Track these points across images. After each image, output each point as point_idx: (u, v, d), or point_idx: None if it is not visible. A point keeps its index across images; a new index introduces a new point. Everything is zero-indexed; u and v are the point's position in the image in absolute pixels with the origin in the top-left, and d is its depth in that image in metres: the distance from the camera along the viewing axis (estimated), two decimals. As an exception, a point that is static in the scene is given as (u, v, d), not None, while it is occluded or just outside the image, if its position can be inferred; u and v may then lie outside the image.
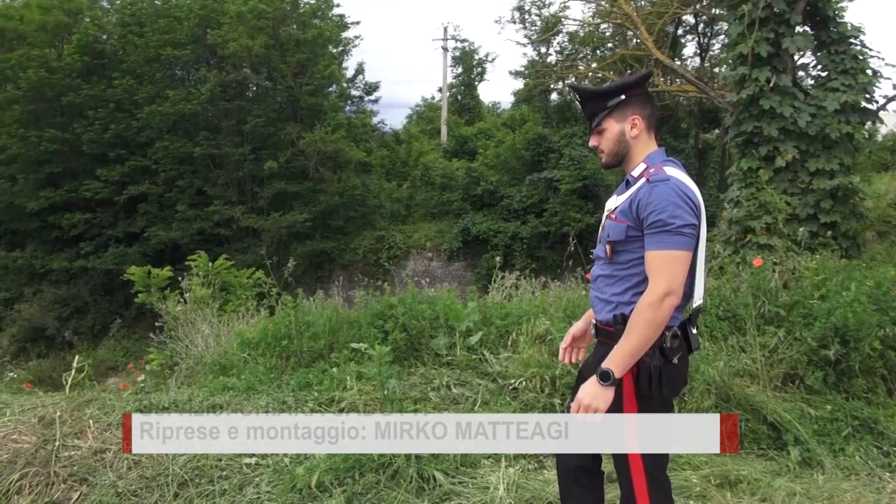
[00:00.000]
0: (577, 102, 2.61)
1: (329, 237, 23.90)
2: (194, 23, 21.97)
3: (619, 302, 2.28)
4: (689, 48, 25.23)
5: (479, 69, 41.29)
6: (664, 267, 2.13)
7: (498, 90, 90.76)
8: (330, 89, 25.61)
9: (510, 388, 3.85)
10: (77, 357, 4.73)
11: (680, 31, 24.13)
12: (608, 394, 2.15)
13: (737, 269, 5.30)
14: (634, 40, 25.04)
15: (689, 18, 23.88)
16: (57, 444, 3.31)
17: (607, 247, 2.33)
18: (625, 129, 2.32)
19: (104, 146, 23.32)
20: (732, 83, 8.00)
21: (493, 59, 46.52)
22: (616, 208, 2.33)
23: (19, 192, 23.53)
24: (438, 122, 37.03)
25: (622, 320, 2.23)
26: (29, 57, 22.32)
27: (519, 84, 36.61)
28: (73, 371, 4.42)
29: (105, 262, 23.46)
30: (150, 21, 23.04)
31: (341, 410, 3.73)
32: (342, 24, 25.28)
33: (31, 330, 24.29)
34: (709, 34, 24.12)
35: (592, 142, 2.42)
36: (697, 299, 2.29)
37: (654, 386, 2.17)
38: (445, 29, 36.55)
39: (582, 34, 23.03)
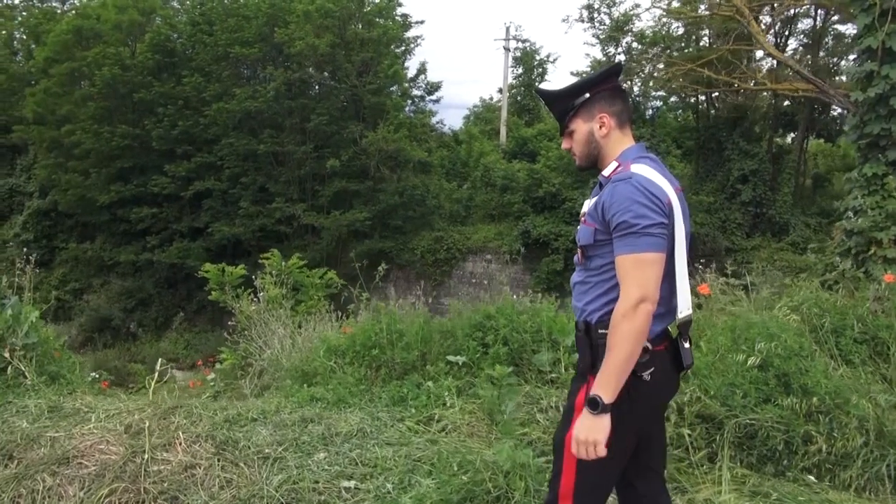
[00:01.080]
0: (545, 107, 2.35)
1: (387, 236, 23.81)
2: (262, 21, 22.17)
3: (591, 310, 2.13)
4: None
5: (540, 70, 40.75)
6: (634, 272, 1.97)
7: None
8: (392, 89, 25.54)
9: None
10: (160, 360, 4.56)
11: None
12: (604, 423, 1.96)
13: (858, 284, 4.80)
14: (704, 39, 24.22)
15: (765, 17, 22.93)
16: (146, 457, 3.10)
17: (579, 252, 2.20)
18: (593, 128, 2.21)
19: (172, 142, 23.79)
20: (857, 80, 7.36)
21: (555, 60, 45.76)
22: (586, 211, 2.20)
23: (91, 186, 24.20)
24: (497, 122, 36.64)
25: (584, 327, 2.12)
26: (104, 55, 22.93)
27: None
28: (157, 374, 4.24)
29: (170, 256, 23.94)
30: (220, 20, 23.36)
31: (442, 430, 3.43)
32: (406, 24, 25.13)
33: (97, 320, 25.00)
34: (787, 31, 23.03)
35: (564, 144, 2.33)
36: (684, 310, 2.12)
37: (623, 404, 1.98)
38: (507, 28, 36.04)
39: (651, 34, 22.30)
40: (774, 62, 22.93)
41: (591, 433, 1.95)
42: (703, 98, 24.52)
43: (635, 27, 22.75)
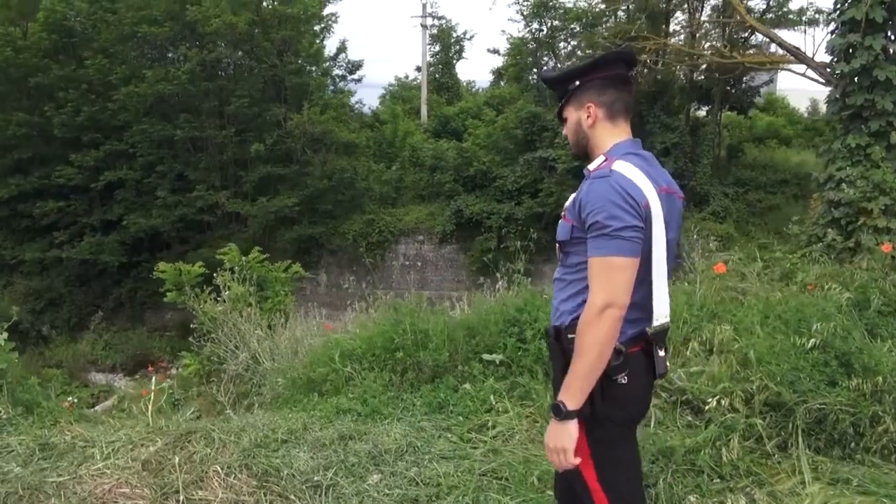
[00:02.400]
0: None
1: (317, 222, 23.11)
2: (172, -2, 20.80)
3: (563, 311, 2.06)
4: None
5: (458, 47, 40.49)
6: (602, 276, 1.89)
7: (472, 69, 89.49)
8: (311, 69, 24.66)
9: (682, 402, 3.34)
10: (154, 378, 4.08)
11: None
12: (569, 429, 1.92)
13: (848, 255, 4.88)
14: (624, 17, 24.62)
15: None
16: (181, 498, 2.70)
17: (557, 247, 2.13)
18: (581, 117, 2.14)
19: (77, 130, 22.12)
20: (838, 52, 7.48)
21: (472, 37, 45.55)
22: (567, 206, 2.13)
23: (-15, 180, 22.24)
24: (415, 101, 36.17)
25: (555, 333, 2.05)
26: (-9, 35, 20.96)
27: (497, 62, 36.02)
28: (153, 394, 3.78)
29: (81, 252, 22.38)
30: (123, -3, 21.74)
31: (497, 438, 3.18)
32: (325, 0, 24.24)
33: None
34: (700, 7, 23.70)
35: (564, 132, 2.28)
36: (662, 317, 2.01)
37: (597, 406, 1.94)
38: (424, 5, 35.48)
39: (575, 9, 22.47)
40: (691, 35, 23.65)
41: (559, 440, 1.92)
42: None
43: (558, 3, 22.81)
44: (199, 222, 22.66)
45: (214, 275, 6.93)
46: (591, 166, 2.06)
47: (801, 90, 32.18)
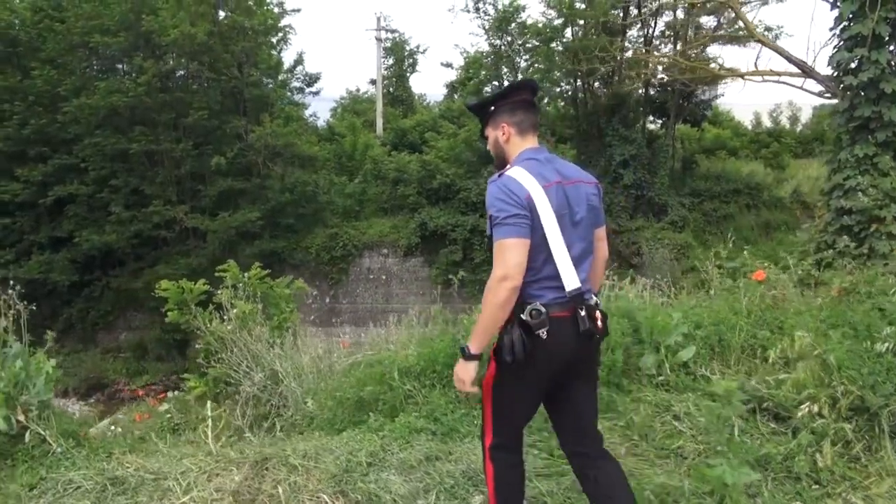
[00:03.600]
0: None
1: (278, 236, 22.68)
2: (126, 8, 20.13)
3: None
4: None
5: (411, 60, 40.59)
6: (498, 254, 2.36)
7: (424, 82, 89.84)
8: (268, 81, 24.28)
9: (762, 410, 3.36)
10: (209, 402, 3.89)
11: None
12: (469, 367, 2.46)
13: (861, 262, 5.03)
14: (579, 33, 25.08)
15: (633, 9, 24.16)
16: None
17: (486, 240, 2.55)
18: (498, 135, 2.65)
19: (23, 143, 21.19)
20: (840, 65, 7.74)
21: (425, 51, 45.74)
22: None
23: (-78, 197, 21.01)
24: (370, 114, 36.02)
25: None
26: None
27: (451, 75, 36.24)
28: (210, 420, 3.59)
29: (29, 271, 21.26)
30: (73, 6, 20.94)
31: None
32: (283, 12, 23.91)
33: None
34: (652, 23, 24.41)
35: (487, 146, 2.75)
36: (570, 283, 2.44)
37: (514, 353, 2.37)
38: (378, 19, 35.47)
39: (539, 24, 22.79)
40: (643, 49, 24.29)
41: (461, 373, 2.48)
42: (580, 87, 25.43)
43: (518, 18, 23.11)
44: (156, 238, 21.91)
45: (218, 292, 6.68)
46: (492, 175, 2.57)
47: (742, 104, 33.48)
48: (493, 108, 2.66)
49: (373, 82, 40.71)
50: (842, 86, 8.08)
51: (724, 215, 24.17)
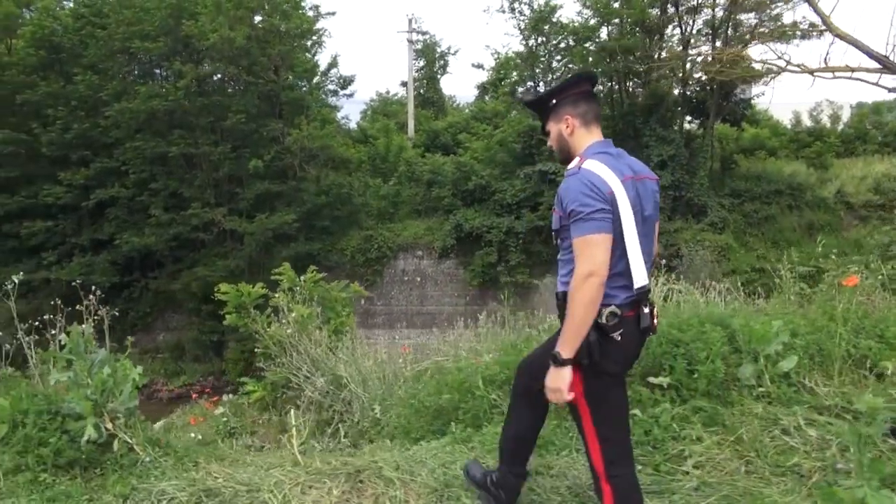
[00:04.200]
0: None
1: (314, 238, 22.75)
2: (166, 13, 20.37)
3: (564, 282, 2.49)
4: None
5: (442, 62, 40.56)
6: (583, 251, 2.32)
7: (454, 84, 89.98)
8: (303, 84, 24.40)
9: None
10: (292, 410, 3.81)
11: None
12: (564, 373, 2.38)
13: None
14: (614, 32, 24.78)
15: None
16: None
17: (553, 235, 2.59)
18: (561, 129, 2.61)
19: (66, 147, 21.54)
20: None
21: (456, 52, 45.75)
22: (555, 201, 2.57)
23: (-31, 201, 21.48)
24: (400, 116, 36.01)
25: (562, 297, 2.48)
26: (-26, 52, 20.33)
27: (482, 76, 36.14)
28: (294, 429, 3.50)
29: (71, 273, 21.56)
30: (114, 12, 21.25)
31: (698, 467, 2.97)
32: (318, 15, 24.00)
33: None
34: (690, 21, 24.01)
35: (549, 143, 2.75)
36: (640, 280, 2.42)
37: (592, 357, 2.37)
38: (410, 20, 35.47)
39: (575, 24, 22.57)
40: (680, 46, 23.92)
41: (556, 382, 2.39)
42: (616, 87, 25.15)
43: (554, 18, 22.90)
44: (194, 241, 22.11)
45: (274, 295, 6.63)
46: (571, 167, 2.51)
47: (782, 103, 32.84)
48: (554, 101, 2.64)
49: (403, 84, 40.84)
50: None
51: (765, 216, 23.67)
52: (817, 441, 3.13)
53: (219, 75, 22.26)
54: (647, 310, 2.46)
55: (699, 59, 23.87)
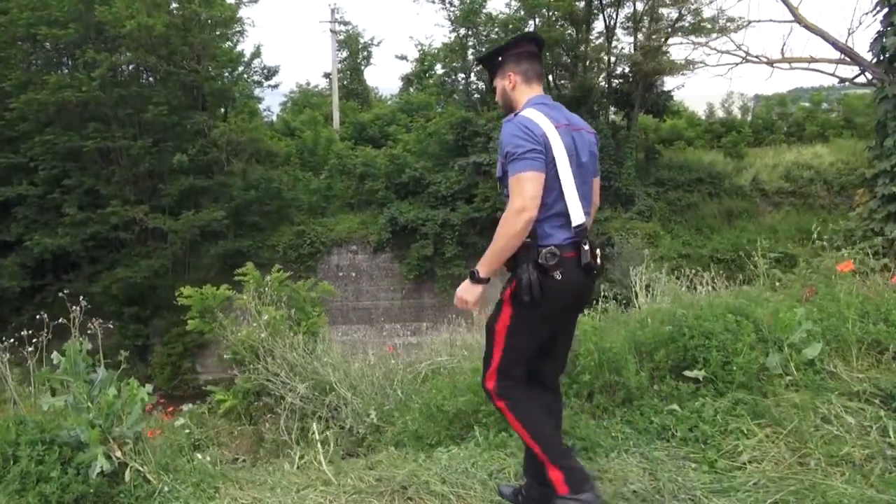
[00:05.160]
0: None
1: (243, 235, 21.91)
2: (76, -1, 19.01)
3: None
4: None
5: (365, 53, 39.93)
6: (515, 187, 2.47)
7: (377, 75, 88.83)
8: (226, 74, 23.41)
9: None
10: (315, 424, 3.53)
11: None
12: (476, 290, 2.60)
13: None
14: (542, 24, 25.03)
15: None
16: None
17: (498, 184, 2.77)
18: (505, 84, 2.82)
19: (-37, 142, 19.82)
20: (891, 52, 7.71)
21: (379, 43, 45.17)
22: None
23: None
24: (323, 108, 35.22)
25: None
26: None
27: (406, 68, 35.83)
28: (318, 442, 3.23)
29: (-26, 278, 20.02)
30: (16, -5, 19.66)
31: (752, 462, 2.91)
32: (239, 2, 23.05)
33: None
34: (614, 14, 24.51)
35: (496, 97, 2.94)
36: (577, 219, 2.58)
37: (531, 294, 2.49)
38: (333, 10, 34.69)
39: (503, 16, 22.64)
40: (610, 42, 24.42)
41: (465, 294, 2.62)
42: (544, 79, 25.39)
43: (484, 9, 22.90)
44: (113, 240, 20.87)
45: (240, 296, 6.24)
46: (507, 117, 2.68)
47: (695, 96, 34.24)
48: (500, 58, 2.83)
49: (326, 76, 39.98)
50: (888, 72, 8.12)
51: (688, 204, 24.55)
52: (857, 428, 3.13)
53: (133, 65, 20.98)
54: (587, 247, 2.59)
55: (623, 51, 24.50)
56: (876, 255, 5.58)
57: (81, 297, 4.07)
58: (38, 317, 5.01)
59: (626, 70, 24.84)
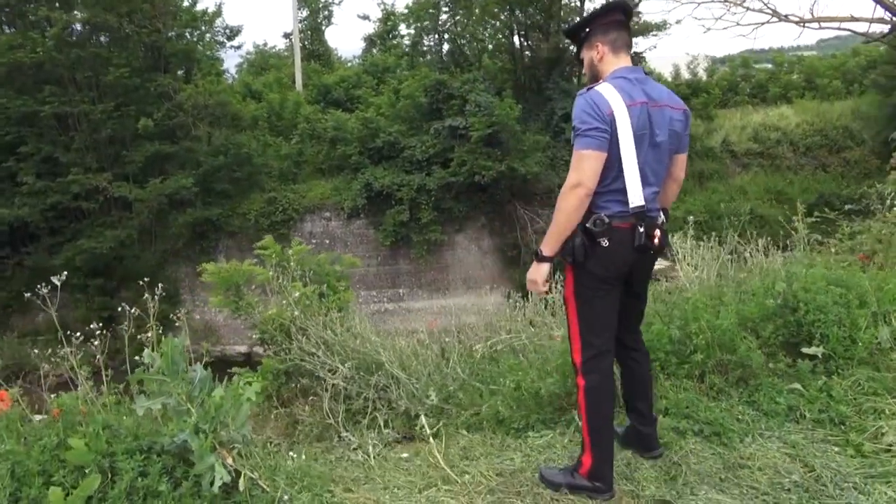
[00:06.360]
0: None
1: (213, 203, 21.17)
2: (25, -50, 17.71)
3: None
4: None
5: (326, 12, 38.63)
6: (575, 163, 2.55)
7: (338, 36, 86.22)
8: (187, 33, 22.28)
9: None
10: (422, 416, 3.27)
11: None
12: (542, 268, 2.66)
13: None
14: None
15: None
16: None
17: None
18: (592, 55, 2.81)
19: None
20: None
21: (340, 2, 43.73)
22: None
23: None
24: (284, 70, 34.02)
25: None
26: None
27: (368, 28, 34.80)
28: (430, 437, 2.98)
29: (-74, 251, 18.90)
30: (-43, -54, 18.22)
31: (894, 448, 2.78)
32: (199, -43, 21.88)
33: None
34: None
35: (583, 70, 2.94)
36: (636, 200, 2.59)
37: (576, 258, 2.60)
38: (291, -32, 33.21)
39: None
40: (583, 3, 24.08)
41: (533, 274, 2.66)
42: (518, 40, 25.02)
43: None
44: (75, 210, 19.89)
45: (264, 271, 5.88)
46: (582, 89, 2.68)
47: (659, 57, 34.25)
48: (587, 29, 2.81)
49: (286, 36, 38.60)
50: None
51: (660, 166, 24.67)
52: None
53: (105, 24, 19.65)
54: (642, 229, 2.61)
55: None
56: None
57: (62, 275, 3.57)
58: None
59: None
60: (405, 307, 23.66)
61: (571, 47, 25.26)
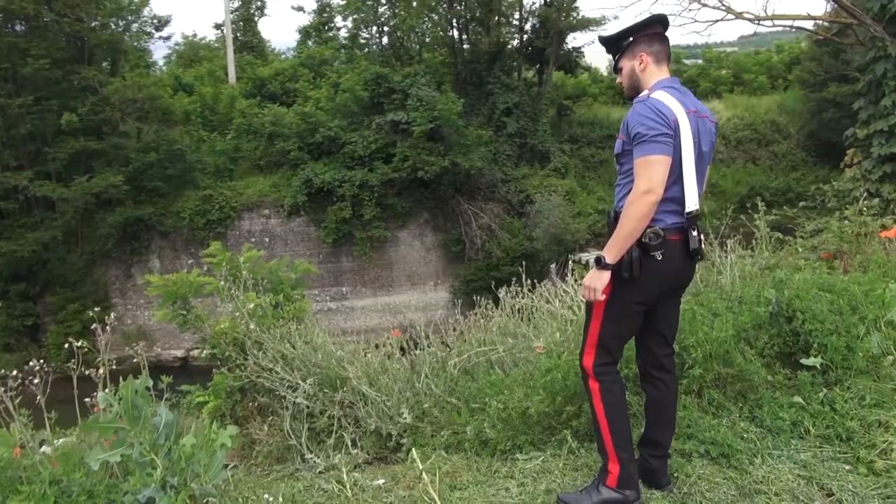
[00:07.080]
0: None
1: (144, 202, 20.21)
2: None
3: (621, 206, 2.64)
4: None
5: (259, 3, 37.43)
6: (643, 170, 2.49)
7: (270, 27, 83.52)
8: (112, 23, 21.13)
9: None
10: (413, 450, 3.00)
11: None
12: (604, 276, 2.59)
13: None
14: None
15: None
16: None
17: (615, 160, 2.78)
18: (634, 65, 2.77)
19: None
20: (890, 11, 7.66)
21: (272, -8, 42.44)
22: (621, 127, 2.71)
23: None
24: (215, 62, 32.82)
25: (614, 215, 2.66)
26: None
27: (303, 20, 33.93)
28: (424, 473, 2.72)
29: None
30: None
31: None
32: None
33: None
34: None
35: (618, 80, 2.90)
36: (691, 206, 2.62)
37: (631, 271, 2.56)
38: (223, -44, 32.08)
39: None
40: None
41: (593, 282, 2.59)
42: (458, 34, 24.82)
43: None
44: (-7, 211, 18.63)
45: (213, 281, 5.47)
46: (638, 96, 2.66)
47: (595, 52, 34.67)
48: (631, 38, 2.78)
49: (217, 27, 37.26)
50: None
51: (600, 160, 24.95)
52: None
53: (21, 12, 18.38)
54: (695, 233, 2.63)
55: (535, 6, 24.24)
56: (874, 217, 5.57)
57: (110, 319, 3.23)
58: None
59: (537, 25, 24.59)
60: (348, 305, 23.23)
61: (513, 42, 25.34)
